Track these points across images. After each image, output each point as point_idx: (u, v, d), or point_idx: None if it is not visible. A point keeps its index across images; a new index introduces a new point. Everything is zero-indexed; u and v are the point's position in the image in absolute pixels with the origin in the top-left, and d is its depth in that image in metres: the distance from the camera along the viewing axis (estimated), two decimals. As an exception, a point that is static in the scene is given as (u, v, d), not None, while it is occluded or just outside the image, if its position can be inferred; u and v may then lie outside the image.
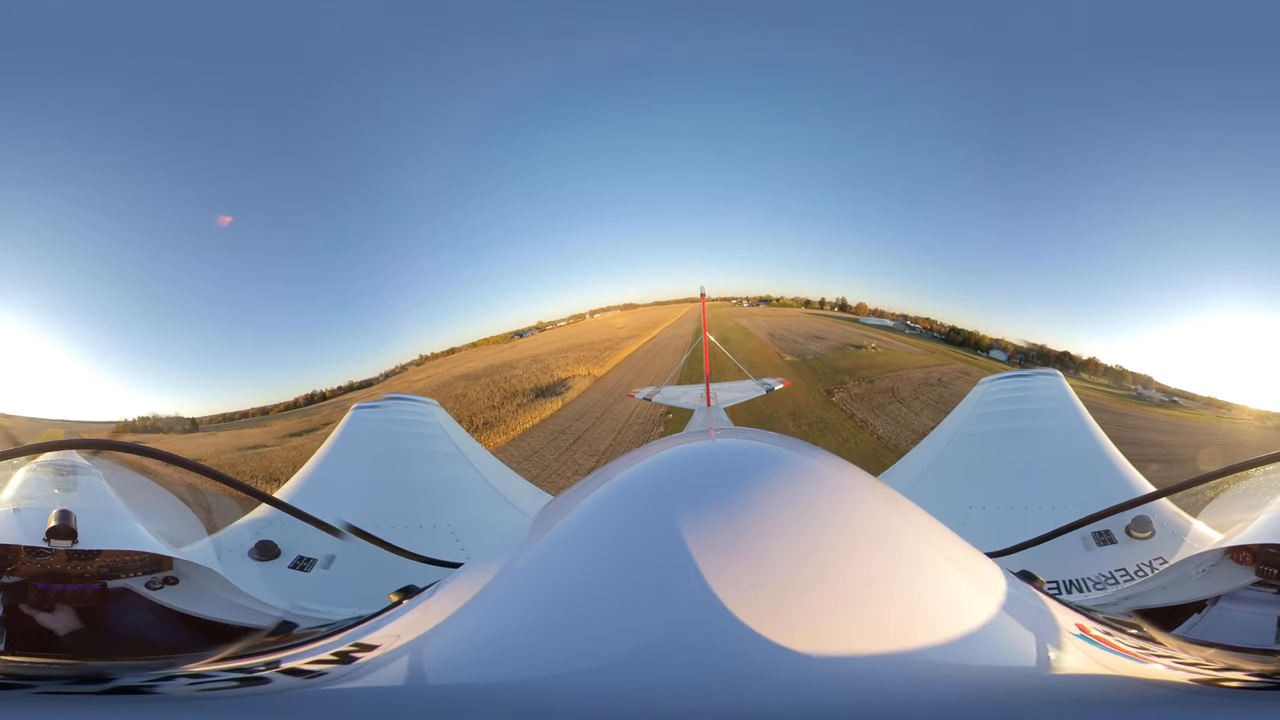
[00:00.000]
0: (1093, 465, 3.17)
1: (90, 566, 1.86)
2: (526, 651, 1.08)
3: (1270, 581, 1.95)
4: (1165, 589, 2.22)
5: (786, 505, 1.20)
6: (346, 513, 2.67)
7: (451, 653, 1.17)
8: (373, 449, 3.79)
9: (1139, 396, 3.61)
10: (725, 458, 1.52)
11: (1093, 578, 2.52)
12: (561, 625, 1.09)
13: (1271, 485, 2.23)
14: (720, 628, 1.01)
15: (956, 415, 4.27)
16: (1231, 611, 1.98)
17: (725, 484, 1.24)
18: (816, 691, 0.97)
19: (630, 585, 1.10)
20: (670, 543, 1.12)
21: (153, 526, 2.10)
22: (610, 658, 1.02)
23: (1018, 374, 4.18)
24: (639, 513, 1.27)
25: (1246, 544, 2.04)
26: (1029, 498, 3.11)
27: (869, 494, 1.34)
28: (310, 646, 1.45)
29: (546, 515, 1.48)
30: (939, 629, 1.07)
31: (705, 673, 0.99)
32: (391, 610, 1.54)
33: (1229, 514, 2.30)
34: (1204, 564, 2.16)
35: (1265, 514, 2.14)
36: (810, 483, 1.32)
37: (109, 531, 1.99)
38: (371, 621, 1.50)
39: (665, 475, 1.42)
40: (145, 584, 1.93)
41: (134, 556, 1.94)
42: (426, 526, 3.07)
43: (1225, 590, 2.03)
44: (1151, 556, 2.51)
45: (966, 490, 3.41)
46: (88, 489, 2.16)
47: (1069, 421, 3.55)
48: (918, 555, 1.22)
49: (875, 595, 1.09)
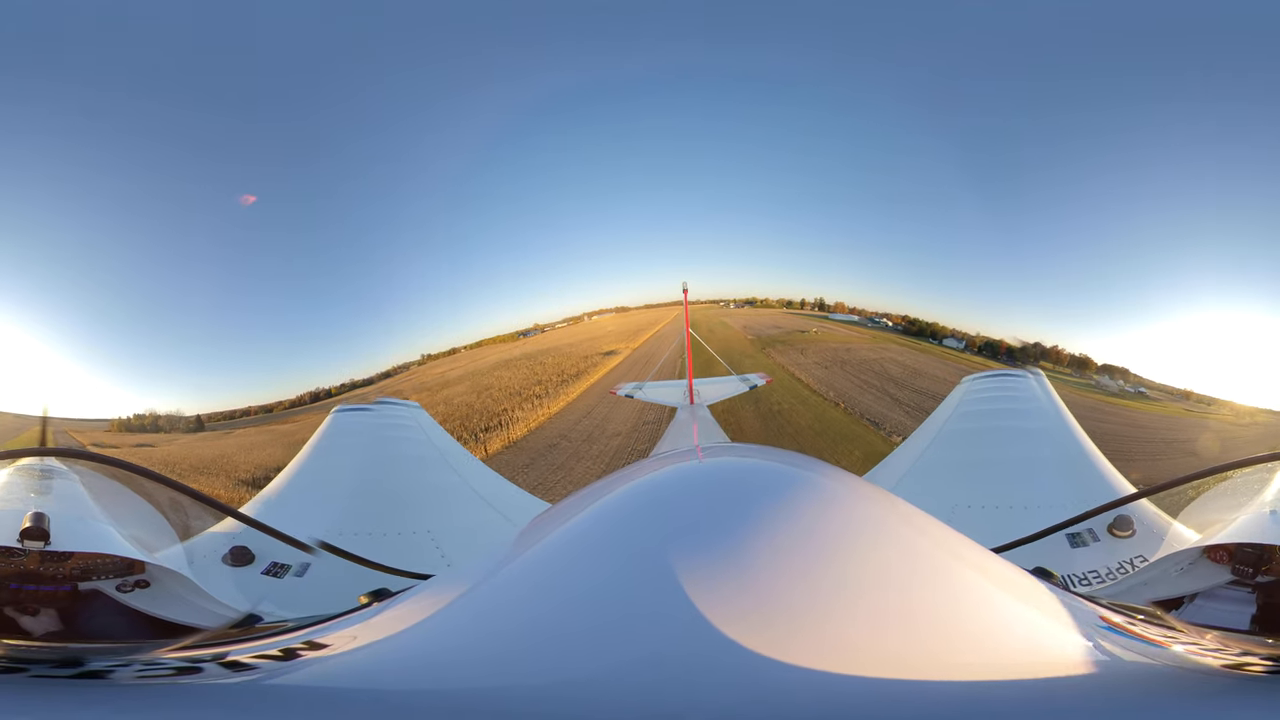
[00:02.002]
0: (1075, 465, 3.20)
1: (63, 568, 1.85)
2: (484, 663, 1.06)
3: (1244, 580, 1.96)
4: (1146, 585, 2.24)
5: (786, 522, 1.18)
6: (326, 519, 2.67)
7: (399, 658, 1.15)
8: (354, 454, 3.77)
9: (1098, 386, 3.73)
10: (714, 477, 1.50)
11: (1078, 575, 2.54)
12: (530, 640, 1.08)
13: (1249, 486, 2.27)
14: (713, 647, 0.98)
15: (939, 414, 4.30)
16: (1207, 607, 2.01)
17: (714, 505, 1.23)
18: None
19: (603, 606, 1.08)
20: (648, 562, 1.11)
21: (127, 531, 2.08)
22: (567, 674, 1.00)
23: (1000, 373, 4.23)
24: (618, 534, 1.25)
25: (1223, 543, 2.06)
26: (1012, 497, 3.12)
27: (873, 504, 1.33)
28: (261, 642, 1.45)
29: (530, 531, 1.47)
30: (969, 633, 1.06)
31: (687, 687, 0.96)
32: (354, 613, 1.53)
33: (1208, 514, 2.33)
34: (1182, 562, 2.17)
35: (1242, 514, 2.15)
36: (810, 496, 1.30)
37: (82, 534, 1.97)
38: (331, 622, 1.50)
39: (652, 494, 1.41)
40: (116, 586, 1.92)
41: (106, 560, 1.93)
42: (406, 533, 3.07)
43: (1201, 588, 2.05)
44: (1132, 555, 2.54)
45: (950, 490, 3.43)
46: (63, 493, 2.16)
47: (1051, 422, 3.59)
48: (934, 563, 1.20)
49: (887, 604, 1.07)
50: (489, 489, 4.12)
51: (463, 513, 3.74)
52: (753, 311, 5.31)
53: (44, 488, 2.16)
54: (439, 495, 3.87)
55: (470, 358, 4.74)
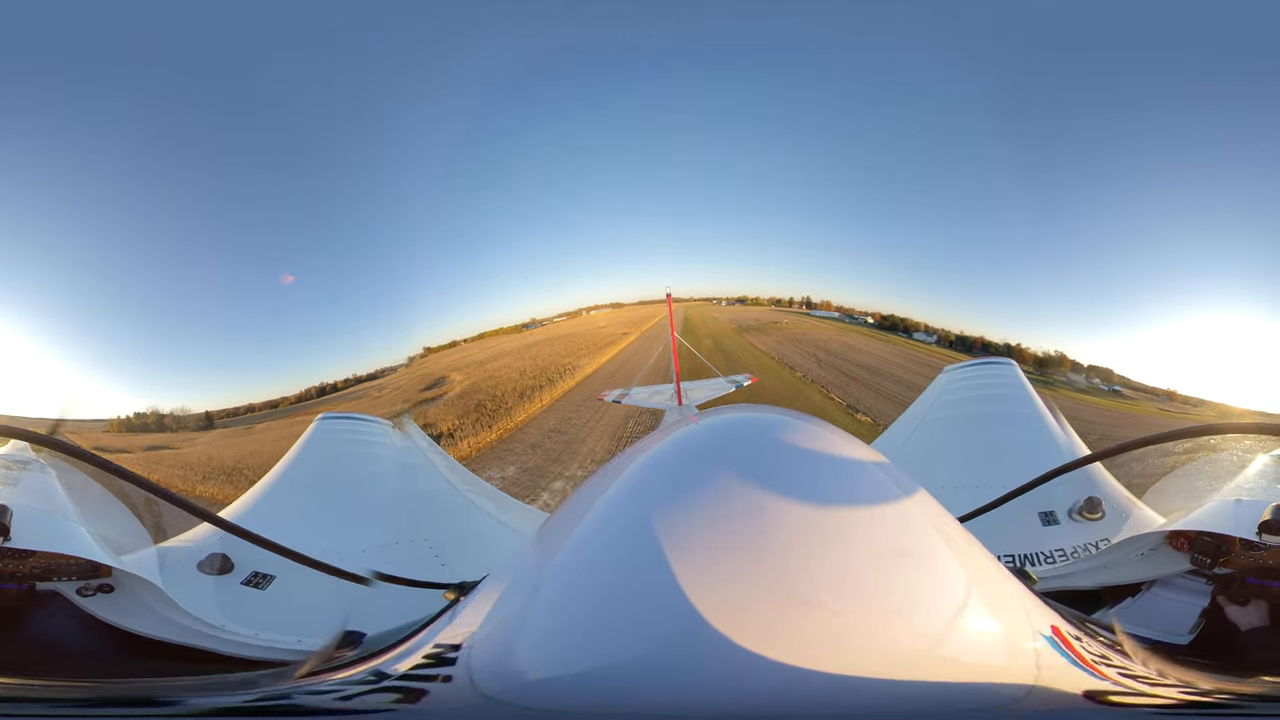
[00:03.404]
0: (1043, 445, 3.27)
1: (22, 566, 1.81)
2: (598, 643, 1.09)
3: (1201, 571, 1.97)
4: (1105, 568, 2.25)
5: (802, 501, 1.18)
6: (317, 533, 2.53)
7: (536, 647, 1.16)
8: (338, 464, 3.66)
9: (1068, 383, 3.90)
10: (755, 436, 1.47)
11: (1045, 552, 2.56)
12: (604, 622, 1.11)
13: (1220, 468, 2.27)
14: (730, 630, 1.02)
15: (922, 402, 4.36)
16: (1162, 598, 2.02)
17: (758, 466, 1.23)
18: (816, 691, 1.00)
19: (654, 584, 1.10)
20: (695, 536, 1.13)
21: (97, 532, 2.02)
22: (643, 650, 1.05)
23: (976, 363, 4.37)
24: (669, 505, 1.25)
25: (1183, 530, 2.06)
26: (988, 477, 3.14)
27: (886, 482, 1.31)
28: (400, 650, 1.41)
29: (566, 514, 1.46)
30: (940, 635, 1.07)
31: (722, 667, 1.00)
32: (451, 608, 1.51)
33: (1173, 497, 2.35)
34: (1143, 547, 2.18)
35: (1208, 498, 2.15)
36: (829, 475, 1.29)
37: (47, 532, 1.91)
38: (438, 621, 1.47)
39: (688, 461, 1.39)
40: (77, 590, 1.86)
41: (70, 561, 1.87)
42: (404, 543, 2.99)
43: (1159, 575, 2.07)
44: (1098, 537, 2.54)
45: (932, 471, 3.45)
46: (33, 486, 2.08)
47: (1022, 407, 3.65)
48: (935, 557, 1.19)
49: (885, 599, 1.08)
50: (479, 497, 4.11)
51: (457, 521, 3.72)
52: (742, 308, 6.04)
53: (11, 479, 2.08)
54: (428, 504, 3.84)
55: (489, 345, 5.39)
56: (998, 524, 2.53)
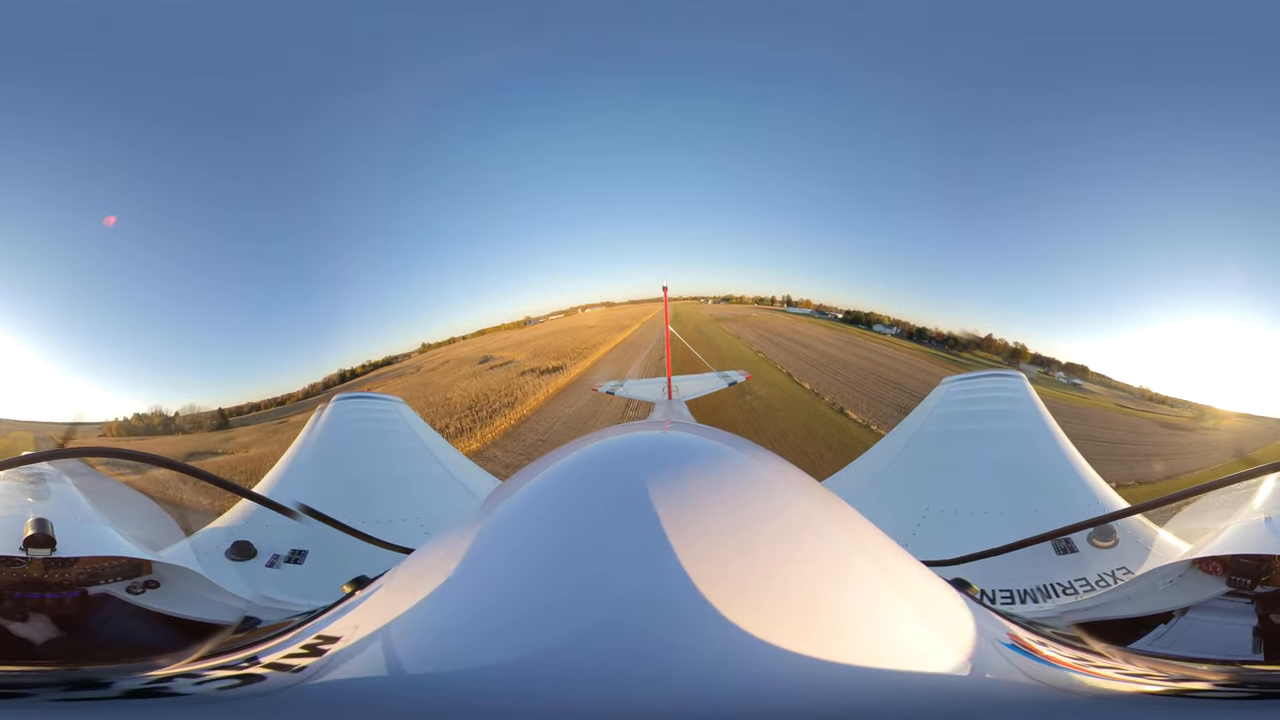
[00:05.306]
0: (1055, 471, 3.15)
1: (69, 574, 1.80)
2: (478, 641, 1.08)
3: (1242, 591, 2.00)
4: (1130, 600, 2.25)
5: (723, 501, 1.21)
6: (322, 504, 2.61)
7: (407, 642, 1.16)
8: (351, 442, 3.78)
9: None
10: (668, 450, 1.51)
11: (1061, 584, 2.53)
12: (510, 614, 1.09)
13: (1239, 498, 2.27)
14: (657, 617, 1.02)
15: (917, 415, 4.29)
16: (1203, 622, 2.02)
17: (668, 475, 1.25)
18: (732, 685, 0.99)
19: (572, 574, 1.10)
20: (614, 528, 1.14)
21: (130, 531, 2.05)
22: (555, 643, 1.03)
23: (980, 374, 4.23)
24: (581, 500, 1.27)
25: (1217, 555, 2.07)
26: (989, 503, 3.06)
27: (807, 497, 1.34)
28: (281, 640, 1.42)
29: (492, 502, 1.46)
30: (855, 633, 1.08)
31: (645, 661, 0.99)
32: (346, 601, 1.52)
33: (1195, 524, 2.34)
34: (1171, 575, 2.18)
35: (1233, 523, 2.18)
36: (749, 480, 1.33)
37: (86, 538, 1.93)
38: (329, 613, 1.48)
39: (609, 463, 1.42)
40: (126, 589, 1.88)
41: (113, 562, 1.89)
42: (396, 520, 3.05)
43: (1194, 601, 2.07)
44: (1115, 566, 2.52)
45: (925, 492, 3.39)
46: (61, 496, 2.11)
47: (1031, 425, 3.52)
48: (848, 558, 1.21)
49: (797, 595, 1.09)
50: (469, 478, 4.10)
51: (446, 499, 3.74)
52: (726, 305, 6.65)
53: (40, 493, 2.11)
54: (418, 483, 3.86)
55: (500, 338, 6.03)
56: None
